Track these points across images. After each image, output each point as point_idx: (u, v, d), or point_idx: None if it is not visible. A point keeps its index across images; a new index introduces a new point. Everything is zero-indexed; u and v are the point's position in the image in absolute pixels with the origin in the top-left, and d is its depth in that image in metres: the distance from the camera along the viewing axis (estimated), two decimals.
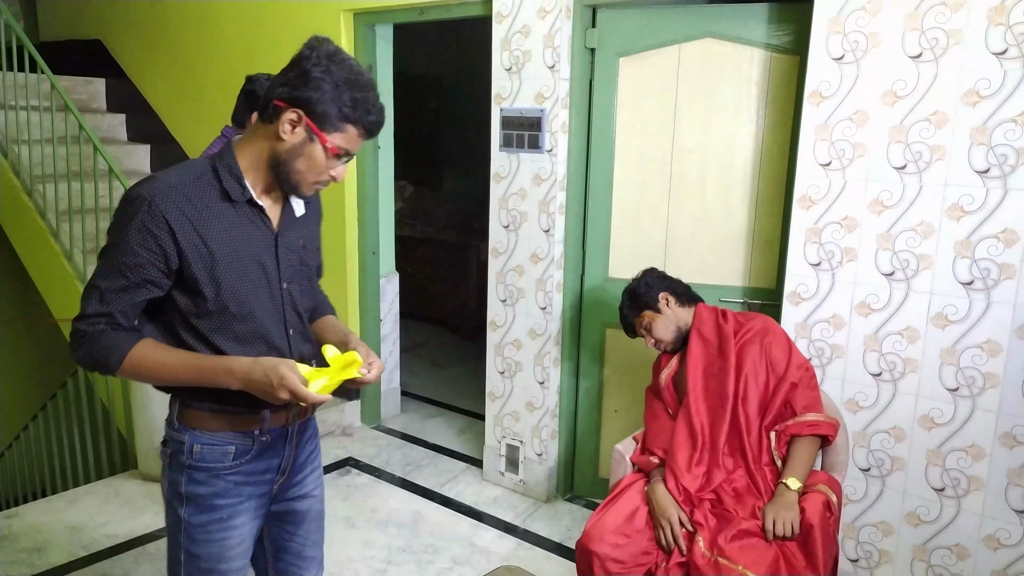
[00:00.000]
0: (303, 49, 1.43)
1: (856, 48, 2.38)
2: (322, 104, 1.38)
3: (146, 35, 4.89)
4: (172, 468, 1.51)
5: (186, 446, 1.48)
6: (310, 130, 1.40)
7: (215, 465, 1.50)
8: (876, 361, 2.49)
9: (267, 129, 1.42)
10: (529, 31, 3.02)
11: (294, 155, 1.42)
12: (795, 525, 1.97)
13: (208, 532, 1.52)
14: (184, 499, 1.50)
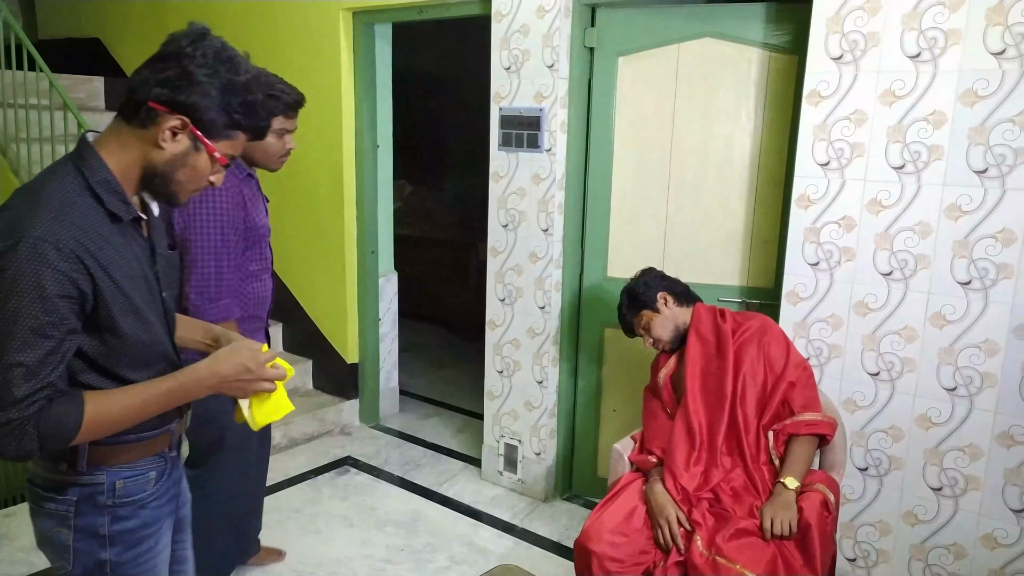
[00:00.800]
0: (180, 40, 1.26)
1: (855, 48, 2.39)
2: (211, 112, 1.25)
3: (145, 34, 4.89)
4: (82, 515, 1.34)
5: (106, 486, 1.34)
6: (195, 139, 1.26)
7: (140, 496, 1.39)
8: (874, 361, 2.49)
9: (140, 134, 1.26)
10: (528, 30, 3.02)
11: (176, 166, 1.27)
12: (793, 524, 1.97)
13: (139, 565, 1.41)
14: (108, 540, 1.37)
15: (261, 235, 2.22)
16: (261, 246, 2.24)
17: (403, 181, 6.08)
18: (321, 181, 3.94)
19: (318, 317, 4.15)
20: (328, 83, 3.79)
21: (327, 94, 3.80)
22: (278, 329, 4.34)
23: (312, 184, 3.99)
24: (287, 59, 3.97)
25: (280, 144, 2.14)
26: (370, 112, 3.83)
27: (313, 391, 4.22)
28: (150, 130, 1.25)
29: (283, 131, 2.12)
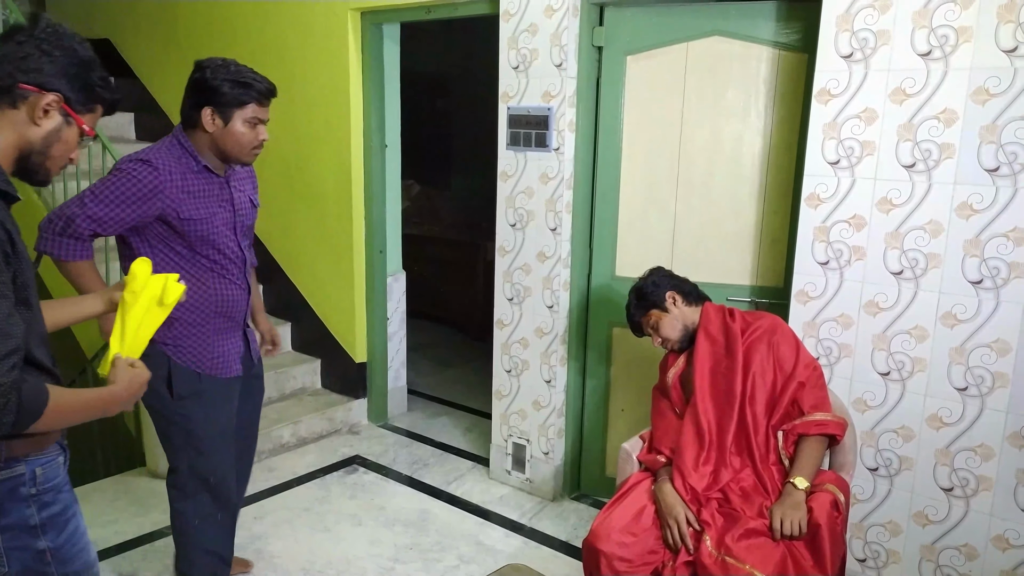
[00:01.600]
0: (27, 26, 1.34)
1: (865, 46, 2.37)
2: (75, 88, 1.35)
3: (154, 35, 4.91)
4: (8, 513, 1.35)
5: (26, 476, 1.37)
6: (66, 114, 1.36)
7: (57, 480, 1.43)
8: (884, 360, 2.48)
9: (11, 115, 1.32)
10: (536, 29, 3.01)
11: (51, 141, 1.36)
12: (803, 524, 1.96)
13: (75, 544, 1.46)
14: (41, 529, 1.40)
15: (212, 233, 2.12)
16: (216, 242, 2.14)
17: (411, 181, 6.08)
18: (329, 181, 3.95)
19: (326, 316, 4.15)
20: (336, 83, 3.79)
21: (335, 94, 3.81)
22: (287, 328, 4.35)
23: (320, 184, 4.00)
24: (295, 59, 3.98)
25: (253, 134, 2.10)
26: (378, 112, 3.83)
27: (322, 390, 4.23)
28: (21, 110, 1.32)
29: (256, 120, 2.09)
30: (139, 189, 1.99)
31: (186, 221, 2.07)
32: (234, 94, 2.04)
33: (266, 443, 3.67)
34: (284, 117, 4.10)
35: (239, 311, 2.25)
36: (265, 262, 4.34)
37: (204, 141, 2.09)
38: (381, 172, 3.91)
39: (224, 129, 2.06)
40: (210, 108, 2.04)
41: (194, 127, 2.09)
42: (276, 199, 4.27)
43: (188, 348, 2.16)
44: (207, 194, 2.12)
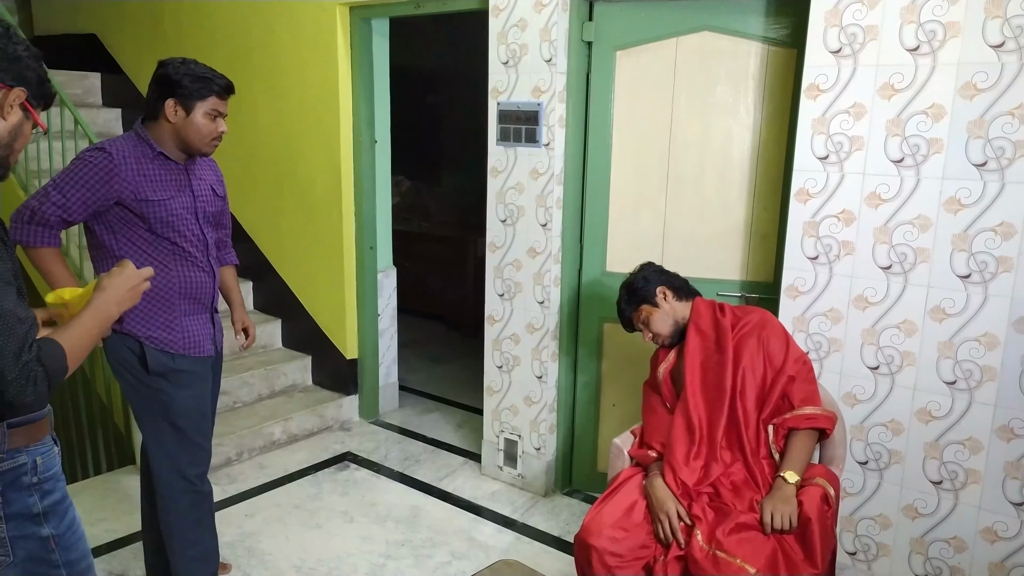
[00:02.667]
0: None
1: (853, 41, 2.38)
2: (32, 83, 1.39)
3: (141, 30, 4.87)
4: (11, 502, 1.39)
5: (28, 465, 1.42)
6: (25, 109, 1.40)
7: (55, 468, 1.48)
8: (874, 354, 2.49)
9: None
10: (526, 24, 3.01)
11: (16, 135, 1.40)
12: (793, 518, 1.97)
13: (74, 531, 1.51)
14: (44, 517, 1.44)
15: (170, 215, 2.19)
16: (177, 225, 2.21)
17: (401, 177, 6.06)
18: (319, 177, 3.93)
19: (317, 313, 4.14)
20: (325, 78, 3.78)
21: (324, 89, 3.79)
22: (277, 325, 4.33)
23: (310, 180, 3.98)
24: (284, 54, 3.95)
25: (213, 126, 2.20)
26: (368, 107, 3.82)
27: (312, 387, 4.21)
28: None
29: (215, 112, 2.20)
30: (95, 173, 2.09)
31: (144, 203, 2.15)
32: (195, 87, 2.16)
33: (257, 440, 3.65)
34: (273, 113, 4.08)
35: (205, 294, 2.32)
36: (255, 259, 4.33)
37: (166, 132, 2.20)
38: (371, 168, 3.90)
39: (186, 119, 2.17)
40: (173, 99, 2.15)
41: (156, 119, 2.20)
42: (266, 196, 4.25)
43: (157, 330, 2.22)
44: (164, 179, 2.21)
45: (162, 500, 2.35)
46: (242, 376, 3.87)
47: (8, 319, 1.25)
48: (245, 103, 4.05)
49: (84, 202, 2.10)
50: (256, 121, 4.14)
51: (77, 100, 4.96)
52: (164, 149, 2.20)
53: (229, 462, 3.53)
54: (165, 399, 2.24)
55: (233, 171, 4.33)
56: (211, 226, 2.37)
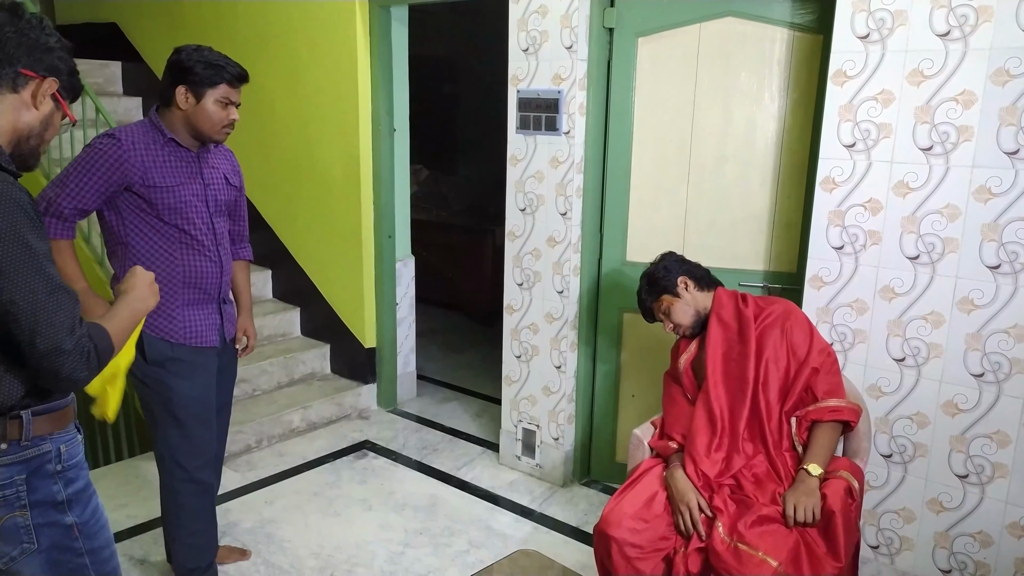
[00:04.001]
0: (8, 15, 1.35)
1: (882, 26, 2.33)
2: (63, 74, 1.40)
3: (161, 18, 4.88)
4: (35, 490, 1.40)
5: (52, 453, 1.42)
6: (55, 99, 1.40)
7: (79, 456, 1.49)
8: (899, 346, 2.45)
9: (10, 99, 1.35)
10: (546, 11, 2.97)
11: (46, 124, 1.41)
12: (816, 511, 1.95)
13: (98, 520, 1.51)
14: (68, 504, 1.44)
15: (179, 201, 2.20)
16: (186, 212, 2.21)
17: (419, 166, 6.04)
18: (338, 166, 3.93)
19: (335, 302, 4.15)
20: (344, 67, 3.76)
21: (343, 78, 3.78)
22: (296, 313, 4.35)
23: (329, 169, 3.98)
24: (303, 43, 3.94)
25: (224, 113, 2.20)
26: (386, 96, 3.80)
27: (331, 375, 4.23)
28: (21, 94, 1.36)
29: (227, 100, 2.20)
30: (105, 160, 2.10)
31: (152, 188, 2.15)
32: (207, 74, 2.16)
33: (276, 427, 3.67)
34: (292, 102, 4.07)
35: (212, 284, 2.31)
36: (274, 248, 4.34)
37: (178, 119, 2.20)
38: (389, 157, 3.89)
39: (197, 107, 2.17)
40: (184, 86, 2.16)
41: (168, 106, 2.20)
42: (284, 184, 4.26)
43: (157, 318, 2.22)
44: (174, 165, 2.21)
45: (164, 487, 2.38)
46: (261, 364, 3.89)
47: (60, 295, 1.27)
48: (264, 91, 4.05)
49: (97, 190, 2.11)
50: (275, 109, 4.14)
51: (98, 89, 4.98)
52: (176, 136, 2.20)
53: (249, 449, 3.55)
54: (164, 389, 2.24)
55: (252, 159, 4.34)
56: (222, 216, 2.36)
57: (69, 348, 1.26)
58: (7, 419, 1.35)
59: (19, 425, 1.36)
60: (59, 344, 1.25)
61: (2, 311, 1.24)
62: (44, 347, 1.24)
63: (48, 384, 1.31)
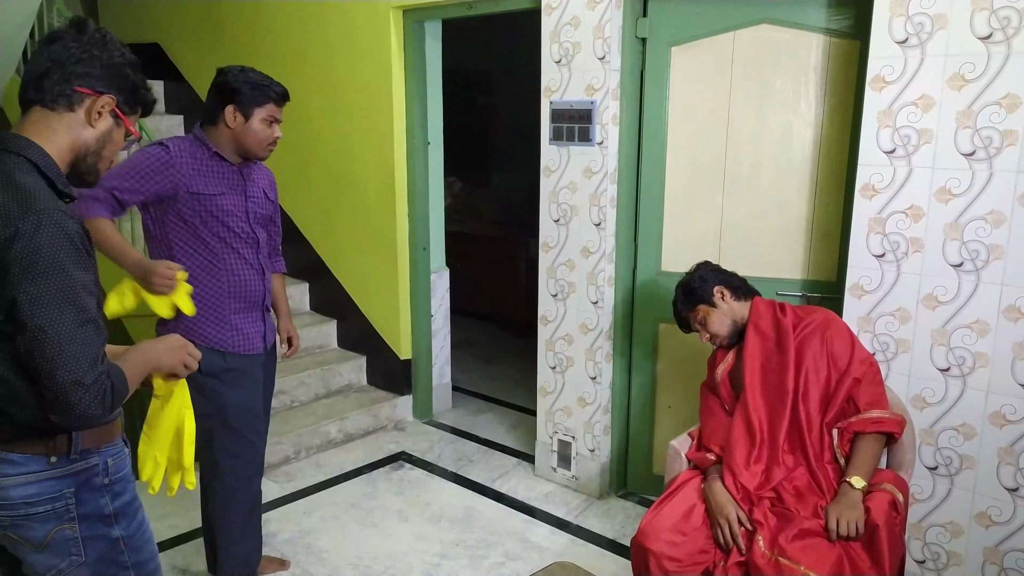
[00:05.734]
0: (73, 31, 1.36)
1: (921, 31, 2.29)
2: (124, 90, 1.40)
3: (201, 38, 5.00)
4: (84, 503, 1.42)
5: (99, 466, 1.43)
6: (116, 116, 1.41)
7: (125, 470, 1.50)
8: (944, 356, 2.39)
9: (67, 118, 1.36)
10: (579, 22, 2.98)
11: (104, 142, 1.41)
12: (860, 525, 1.90)
13: (143, 533, 1.53)
14: (115, 518, 1.46)
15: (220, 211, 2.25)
16: (228, 222, 2.26)
17: (453, 178, 6.08)
18: (373, 178, 3.98)
19: (371, 313, 4.19)
20: (379, 81, 3.81)
21: (378, 92, 3.83)
22: (332, 325, 4.39)
23: (364, 181, 4.03)
24: (338, 58, 4.01)
25: (269, 132, 2.28)
26: (421, 109, 3.84)
27: (367, 387, 4.26)
28: (77, 113, 1.37)
29: (271, 118, 2.28)
30: (152, 163, 2.17)
31: (196, 196, 2.21)
32: (254, 94, 2.23)
33: (314, 438, 3.71)
34: (328, 115, 4.14)
35: (256, 292, 2.37)
36: (310, 260, 4.40)
37: (225, 136, 2.26)
38: (424, 169, 3.92)
39: (244, 125, 2.25)
40: (232, 106, 2.23)
41: (215, 124, 2.26)
42: (321, 197, 4.32)
43: (206, 329, 2.27)
44: (218, 176, 2.28)
45: (213, 497, 2.41)
46: (299, 376, 3.94)
47: (88, 328, 1.27)
48: (301, 107, 4.12)
49: (138, 186, 2.15)
50: (311, 124, 4.21)
51: None
52: (221, 152, 2.27)
53: (287, 460, 3.59)
54: (218, 399, 2.28)
55: (289, 173, 4.41)
56: (262, 227, 2.42)
57: (89, 383, 1.26)
58: (56, 433, 1.37)
59: (68, 438, 1.38)
60: (80, 378, 1.25)
61: (30, 337, 1.24)
62: (64, 379, 1.24)
63: (60, 417, 1.28)
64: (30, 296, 1.22)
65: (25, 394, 1.32)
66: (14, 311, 1.24)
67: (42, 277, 1.23)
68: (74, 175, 1.42)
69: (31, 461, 1.37)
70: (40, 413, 1.32)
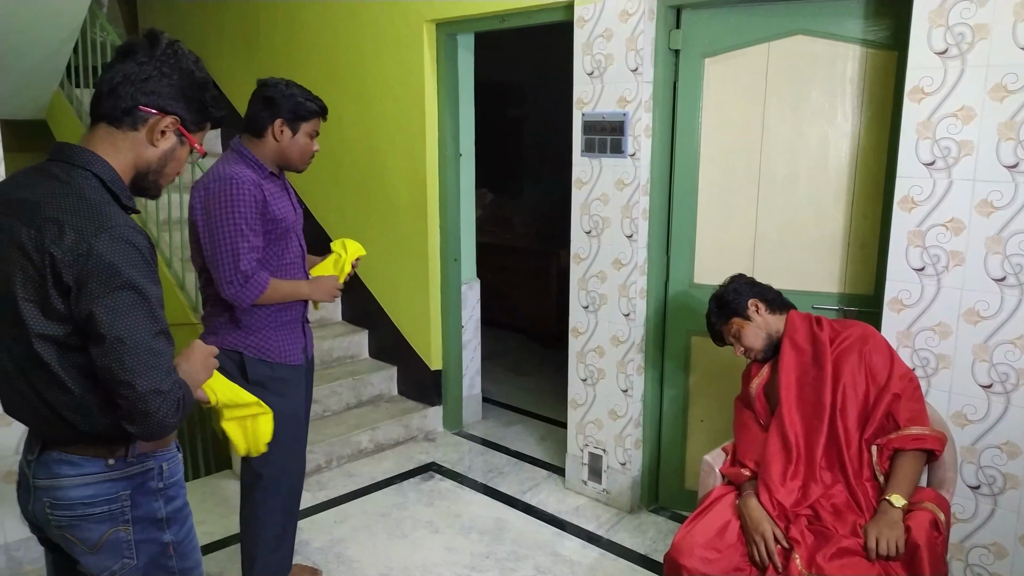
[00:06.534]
0: (146, 46, 1.37)
1: (961, 41, 2.25)
2: (191, 108, 1.41)
3: (238, 49, 5.09)
4: (138, 506, 1.44)
5: (155, 470, 1.46)
6: (180, 134, 1.42)
7: (179, 475, 1.52)
8: (986, 372, 2.34)
9: (131, 136, 1.38)
10: (611, 34, 2.98)
11: (166, 160, 1.43)
12: (900, 544, 1.86)
13: (191, 540, 1.54)
14: (167, 522, 1.48)
15: (286, 228, 2.31)
16: (288, 239, 2.33)
17: (484, 189, 6.10)
18: (405, 190, 4.01)
19: (402, 324, 4.21)
20: (412, 93, 3.85)
21: (411, 104, 3.86)
22: (364, 336, 4.42)
23: (396, 192, 4.06)
24: (372, 71, 4.05)
25: (311, 145, 2.34)
26: (453, 121, 3.87)
27: (398, 397, 4.28)
28: (141, 132, 1.39)
29: (314, 133, 2.33)
30: (249, 201, 2.18)
31: (272, 221, 2.25)
32: (302, 109, 2.27)
33: (345, 448, 3.73)
34: (360, 127, 4.18)
35: (301, 304, 2.41)
36: None
37: (269, 149, 2.29)
38: (455, 180, 3.94)
39: (292, 139, 2.28)
40: (281, 120, 2.26)
41: (260, 137, 2.28)
42: (353, 208, 4.36)
43: (258, 340, 2.30)
44: (280, 195, 2.32)
45: (253, 505, 2.42)
46: (331, 385, 3.97)
47: (163, 340, 1.31)
48: (334, 118, 4.14)
49: (255, 234, 2.20)
50: (344, 135, 4.26)
51: None
52: (265, 164, 2.30)
53: (319, 469, 3.62)
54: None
55: (321, 184, 4.47)
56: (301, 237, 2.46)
57: (166, 390, 1.29)
58: (115, 438, 1.40)
59: (125, 443, 1.42)
60: (158, 386, 1.28)
61: (109, 348, 1.27)
62: (144, 387, 1.27)
63: (138, 426, 1.30)
64: (108, 309, 1.25)
65: (89, 404, 1.35)
66: (90, 324, 1.27)
67: (119, 291, 1.26)
68: (135, 189, 1.44)
69: (89, 463, 1.40)
70: (101, 422, 1.36)
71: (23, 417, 1.43)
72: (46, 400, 1.36)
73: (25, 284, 1.30)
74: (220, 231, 2.15)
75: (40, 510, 1.43)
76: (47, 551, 1.57)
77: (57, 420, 1.37)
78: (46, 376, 1.34)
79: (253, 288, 2.19)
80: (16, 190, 1.35)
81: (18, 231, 1.30)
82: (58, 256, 1.26)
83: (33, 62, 4.73)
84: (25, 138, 5.58)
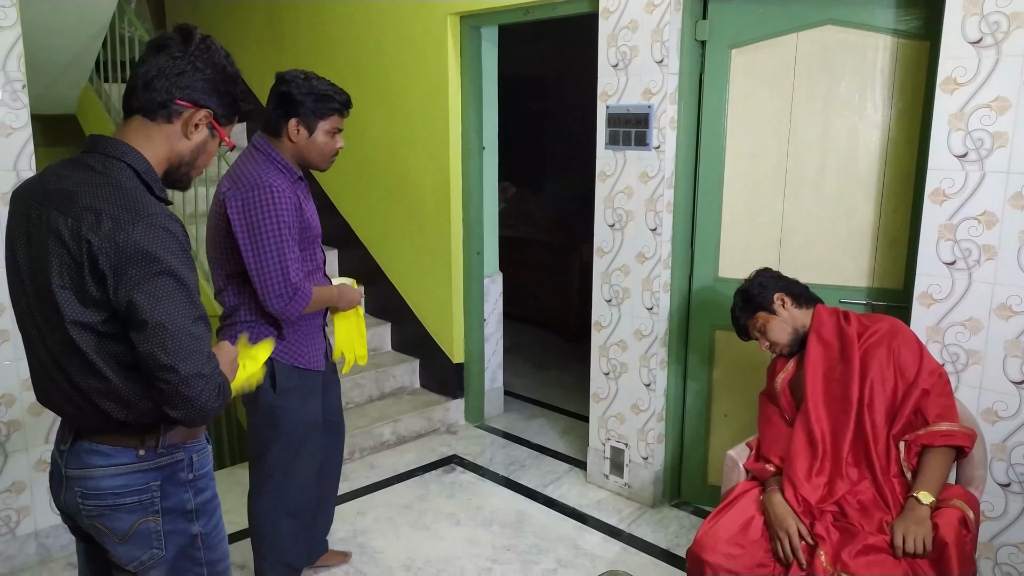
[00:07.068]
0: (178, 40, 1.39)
1: (996, 30, 2.20)
2: (223, 103, 1.43)
3: (262, 44, 5.13)
4: (168, 496, 1.45)
5: (184, 461, 1.47)
6: (212, 128, 1.44)
7: (208, 467, 1.53)
8: (1018, 368, 2.29)
9: (165, 129, 1.40)
10: (637, 26, 2.96)
11: (198, 152, 1.45)
12: (927, 542, 1.84)
13: (219, 531, 1.55)
14: (195, 514, 1.49)
15: (314, 236, 2.27)
16: (314, 247, 2.29)
17: (507, 183, 6.10)
18: (428, 183, 4.01)
19: (425, 317, 4.22)
20: (436, 86, 3.85)
21: (435, 97, 3.86)
22: (387, 328, 4.44)
23: (420, 188, 4.07)
24: (396, 64, 4.06)
25: (333, 143, 2.23)
26: (476, 114, 3.86)
27: (420, 390, 4.29)
28: (175, 125, 1.41)
29: (335, 130, 2.23)
30: (287, 210, 2.11)
31: (304, 228, 2.20)
32: (317, 107, 2.17)
33: (368, 440, 3.75)
34: (384, 121, 4.19)
35: (323, 309, 2.38)
36: (367, 265, 4.46)
37: (288, 149, 2.21)
38: (479, 174, 3.94)
39: (309, 139, 2.19)
40: (296, 119, 2.16)
41: (278, 137, 2.20)
42: (377, 202, 4.38)
43: (289, 347, 2.26)
44: (307, 199, 2.27)
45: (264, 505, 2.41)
46: (354, 378, 3.99)
47: (202, 325, 1.33)
48: (358, 112, 4.16)
49: (296, 239, 2.15)
50: (368, 129, 4.27)
51: None
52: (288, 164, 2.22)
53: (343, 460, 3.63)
54: (280, 413, 2.28)
55: (346, 178, 4.49)
56: None
57: (208, 374, 1.31)
58: (146, 428, 1.42)
59: (156, 433, 1.43)
60: (200, 369, 1.30)
61: (151, 334, 1.28)
62: (187, 371, 1.29)
63: (180, 411, 1.31)
64: (148, 295, 1.27)
65: (125, 392, 1.36)
66: (131, 311, 1.28)
67: (158, 277, 1.28)
68: (167, 181, 1.46)
69: (120, 453, 1.41)
70: (140, 408, 1.37)
71: (56, 406, 1.45)
72: (80, 388, 1.37)
73: (61, 272, 1.31)
74: (265, 243, 2.08)
75: (72, 499, 1.45)
76: (79, 541, 1.59)
77: (90, 409, 1.38)
78: (81, 364, 1.35)
79: (301, 299, 2.14)
80: (53, 181, 1.37)
81: (55, 220, 1.31)
82: (95, 243, 1.27)
83: (64, 59, 4.80)
84: (55, 133, 5.67)
